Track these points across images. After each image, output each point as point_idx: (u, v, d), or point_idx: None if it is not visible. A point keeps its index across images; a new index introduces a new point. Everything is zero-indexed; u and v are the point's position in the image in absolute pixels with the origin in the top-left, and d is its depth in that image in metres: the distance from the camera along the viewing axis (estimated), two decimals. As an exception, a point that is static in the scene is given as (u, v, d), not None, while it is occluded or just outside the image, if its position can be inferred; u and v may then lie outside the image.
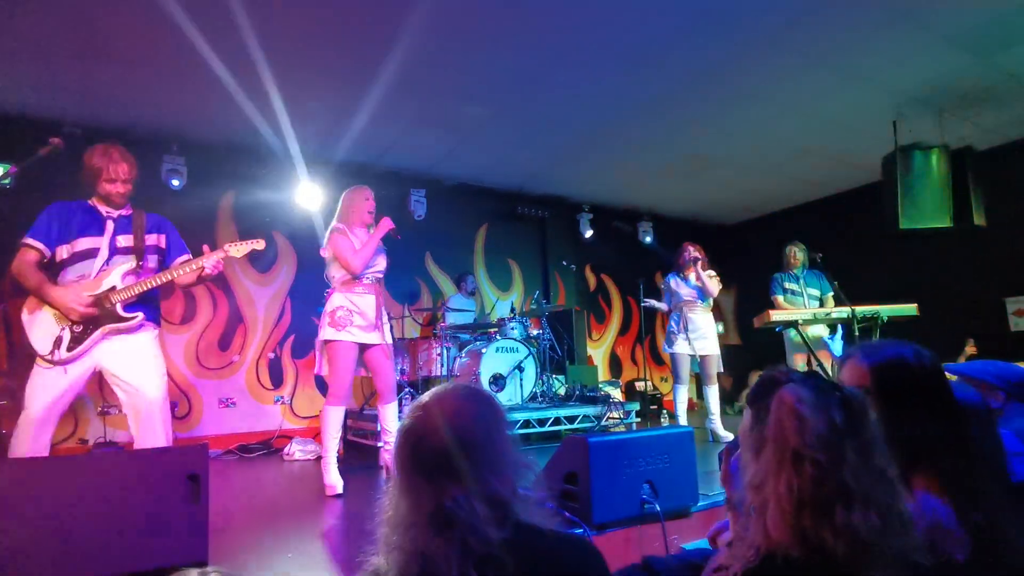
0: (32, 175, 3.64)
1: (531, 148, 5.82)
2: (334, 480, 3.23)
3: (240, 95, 4.56)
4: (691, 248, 4.90)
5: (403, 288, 6.43)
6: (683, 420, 4.74)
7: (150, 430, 2.54)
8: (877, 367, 1.13)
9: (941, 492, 1.00)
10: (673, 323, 4.89)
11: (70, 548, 1.62)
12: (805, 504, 0.81)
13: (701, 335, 4.76)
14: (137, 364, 2.57)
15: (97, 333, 2.49)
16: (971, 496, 0.99)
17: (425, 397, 1.02)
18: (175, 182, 5.13)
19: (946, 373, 1.14)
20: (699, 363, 4.83)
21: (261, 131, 5.24)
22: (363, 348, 3.35)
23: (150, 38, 3.76)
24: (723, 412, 7.61)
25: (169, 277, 2.63)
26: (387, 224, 3.42)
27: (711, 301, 4.87)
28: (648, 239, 7.85)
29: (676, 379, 4.82)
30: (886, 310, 4.39)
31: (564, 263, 6.87)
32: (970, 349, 5.47)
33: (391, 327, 5.77)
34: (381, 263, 3.49)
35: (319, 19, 3.65)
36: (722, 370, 5.36)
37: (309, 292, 5.92)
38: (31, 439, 2.35)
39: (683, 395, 4.81)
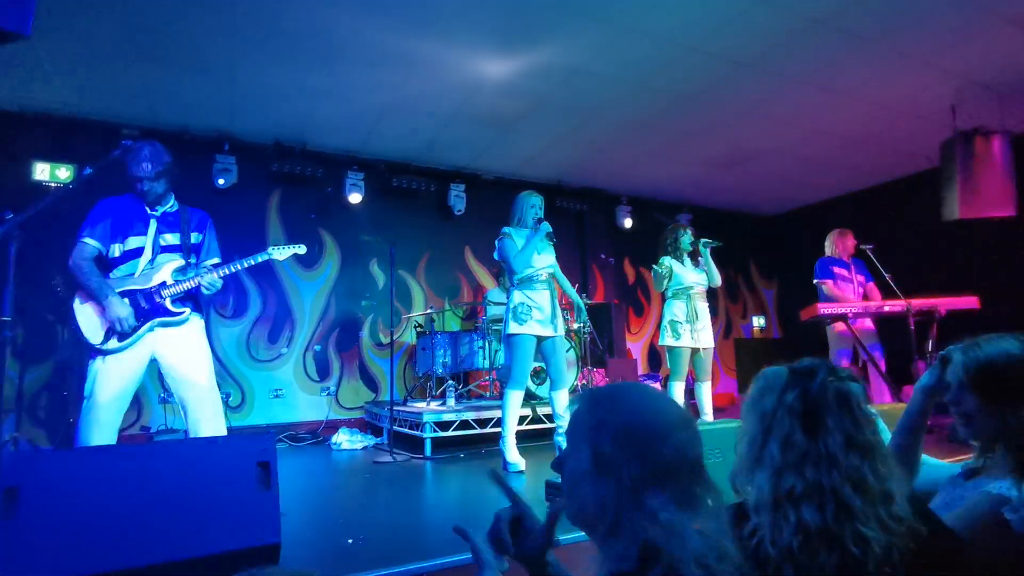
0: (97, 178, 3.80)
1: (570, 141, 5.79)
2: (516, 458, 3.44)
3: (282, 94, 4.69)
4: (686, 228, 4.42)
5: (444, 283, 6.51)
6: None
7: (204, 418, 2.60)
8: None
9: None
10: (676, 312, 4.27)
11: (150, 531, 1.71)
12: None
13: (704, 326, 4.26)
14: (187, 353, 2.64)
15: (147, 325, 2.57)
16: None
17: None
18: (220, 181, 5.32)
19: None
20: (697, 358, 4.28)
21: (306, 129, 5.39)
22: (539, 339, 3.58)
23: (205, 42, 3.90)
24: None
25: (198, 282, 2.65)
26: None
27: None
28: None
29: (675, 375, 4.23)
30: (944, 304, 4.23)
31: (602, 256, 6.82)
32: None
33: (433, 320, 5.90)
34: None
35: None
36: None
37: (353, 287, 6.06)
38: (99, 427, 2.42)
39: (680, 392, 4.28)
